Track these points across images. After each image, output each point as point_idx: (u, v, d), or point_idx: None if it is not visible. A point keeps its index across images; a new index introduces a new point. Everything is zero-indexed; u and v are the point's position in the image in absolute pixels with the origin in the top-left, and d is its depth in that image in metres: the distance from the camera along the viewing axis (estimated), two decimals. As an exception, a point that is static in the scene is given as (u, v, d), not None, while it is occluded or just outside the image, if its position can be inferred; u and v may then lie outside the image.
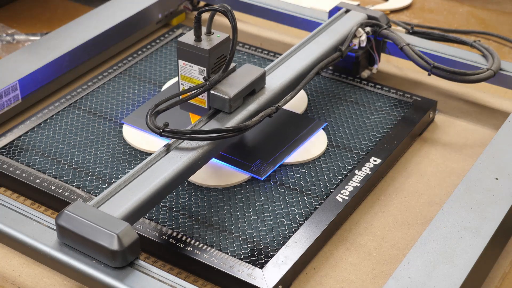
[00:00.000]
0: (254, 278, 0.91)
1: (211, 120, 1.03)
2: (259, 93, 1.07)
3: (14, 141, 1.13)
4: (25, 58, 1.23)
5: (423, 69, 1.18)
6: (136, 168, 0.95)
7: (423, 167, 1.12)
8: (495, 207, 0.94)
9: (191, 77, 1.04)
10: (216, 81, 1.02)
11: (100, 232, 0.85)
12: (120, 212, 0.89)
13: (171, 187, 0.95)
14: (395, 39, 1.21)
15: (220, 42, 1.03)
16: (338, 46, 1.20)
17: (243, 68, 1.07)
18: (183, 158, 0.97)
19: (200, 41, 1.02)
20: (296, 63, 1.14)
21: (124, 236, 0.85)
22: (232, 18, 0.99)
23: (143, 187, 0.93)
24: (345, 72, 1.27)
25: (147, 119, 0.97)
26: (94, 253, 0.86)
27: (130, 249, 0.85)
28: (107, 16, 1.35)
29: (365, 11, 1.27)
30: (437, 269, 0.86)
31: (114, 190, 0.92)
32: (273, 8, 1.36)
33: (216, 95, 1.03)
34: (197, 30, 1.02)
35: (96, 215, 0.87)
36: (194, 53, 1.02)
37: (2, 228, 0.91)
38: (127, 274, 0.85)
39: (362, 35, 1.22)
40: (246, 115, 1.04)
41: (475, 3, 1.60)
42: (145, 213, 0.93)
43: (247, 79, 1.05)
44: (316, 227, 0.98)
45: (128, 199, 0.91)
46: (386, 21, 1.26)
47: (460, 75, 1.15)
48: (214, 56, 1.02)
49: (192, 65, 1.03)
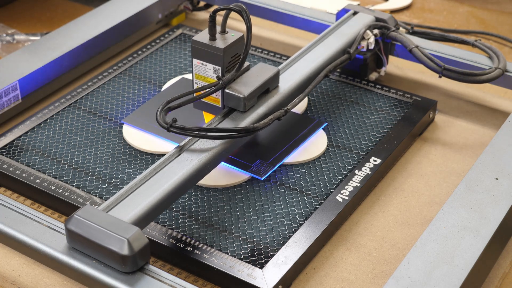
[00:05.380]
0: (254, 278, 0.91)
1: (225, 119, 1.03)
2: (273, 93, 1.07)
3: (14, 141, 1.13)
4: (25, 58, 1.23)
5: (433, 71, 1.17)
6: (145, 172, 0.94)
7: (423, 167, 1.12)
8: (495, 207, 0.94)
9: (205, 75, 1.04)
10: (230, 79, 1.02)
11: (110, 237, 0.85)
12: (130, 217, 0.89)
13: (181, 190, 0.95)
14: (403, 41, 1.21)
15: (235, 41, 1.02)
16: (346, 48, 1.20)
17: (257, 67, 1.07)
18: (193, 161, 0.96)
19: (214, 40, 1.02)
20: (305, 66, 1.14)
21: (135, 241, 0.84)
22: (247, 17, 0.99)
23: (152, 191, 0.92)
24: (353, 75, 1.26)
25: (157, 114, 0.97)
26: (104, 258, 0.85)
27: (141, 253, 0.85)
28: (107, 16, 1.35)
29: (373, 13, 1.26)
30: (437, 269, 0.86)
31: (124, 194, 0.92)
32: (274, 8, 1.36)
33: (230, 93, 1.03)
34: (212, 29, 1.02)
35: (106, 219, 0.87)
36: (209, 51, 1.02)
37: (2, 228, 0.91)
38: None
39: (370, 37, 1.21)
40: (261, 114, 1.04)
41: (475, 3, 1.60)
42: (155, 217, 0.92)
43: (261, 78, 1.05)
44: (316, 227, 0.98)
45: (138, 204, 0.91)
46: (394, 23, 1.25)
47: (470, 75, 1.15)
48: (229, 55, 1.02)
49: (206, 63, 1.03)
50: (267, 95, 1.06)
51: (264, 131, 1.13)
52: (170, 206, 0.97)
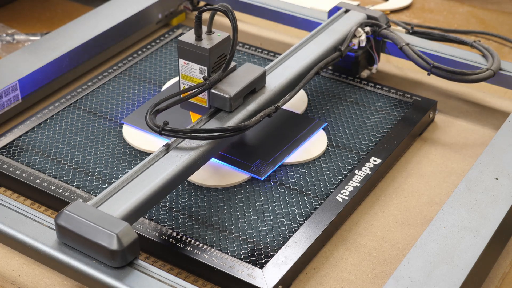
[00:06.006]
0: (254, 278, 0.91)
1: (212, 119, 1.03)
2: (260, 92, 1.07)
3: (14, 141, 1.13)
4: (25, 58, 1.23)
5: (422, 69, 1.18)
6: (135, 168, 0.95)
7: (423, 167, 1.12)
8: (495, 207, 0.94)
9: (191, 76, 1.04)
10: (216, 80, 1.02)
11: (100, 232, 0.85)
12: (119, 212, 0.89)
13: (170, 187, 0.95)
14: (394, 39, 1.21)
15: (221, 41, 1.03)
16: (337, 46, 1.20)
17: (244, 67, 1.07)
18: (182, 158, 0.97)
19: (200, 40, 1.02)
20: (296, 63, 1.14)
21: (124, 236, 0.85)
22: (233, 17, 0.99)
23: (142, 186, 0.93)
24: (344, 72, 1.27)
25: (147, 118, 0.98)
26: (93, 253, 0.86)
27: (130, 248, 0.85)
28: (107, 16, 1.35)
29: (365, 11, 1.27)
30: (437, 269, 0.86)
31: (114, 190, 0.92)
32: (273, 8, 1.36)
33: (216, 94, 1.03)
34: (198, 29, 1.02)
35: (96, 214, 0.87)
36: (195, 52, 1.02)
37: (2, 228, 0.91)
38: (126, 274, 0.85)
39: (361, 35, 1.22)
40: (247, 114, 1.04)
41: (475, 3, 1.60)
42: (144, 212, 0.93)
43: (248, 78, 1.05)
44: (316, 227, 0.98)
45: (127, 199, 0.91)
46: (386, 21, 1.26)
47: (460, 74, 1.15)
48: (215, 55, 1.02)
49: (192, 64, 1.03)
50: (254, 95, 1.06)
51: (264, 131, 1.13)
52: (160, 201, 0.97)
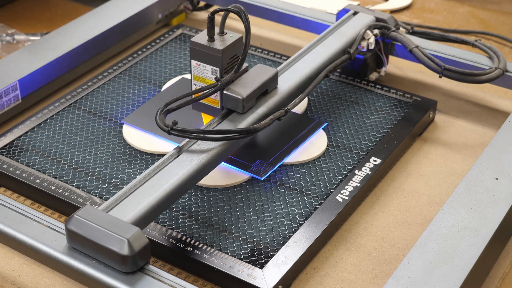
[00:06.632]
0: (254, 278, 0.91)
1: (224, 121, 1.03)
2: (271, 95, 1.07)
3: (14, 141, 1.13)
4: (25, 58, 1.23)
5: (433, 71, 1.17)
6: (146, 172, 0.94)
7: (423, 167, 1.12)
8: (495, 207, 0.94)
9: (204, 77, 1.04)
10: (228, 81, 1.02)
11: (110, 237, 0.85)
12: (130, 217, 0.89)
13: (181, 191, 0.95)
14: (403, 41, 1.21)
15: (233, 42, 1.02)
16: (346, 48, 1.20)
17: (256, 68, 1.07)
18: (193, 162, 0.96)
19: (213, 41, 1.02)
20: (305, 66, 1.14)
21: (135, 241, 0.84)
22: (246, 18, 0.99)
23: (153, 191, 0.92)
24: (353, 75, 1.26)
25: (157, 117, 0.97)
26: (104, 258, 0.86)
27: (141, 254, 0.85)
28: (107, 16, 1.35)
29: (373, 13, 1.26)
30: (437, 269, 0.86)
31: (124, 194, 0.92)
32: (274, 8, 1.36)
33: (229, 95, 1.02)
34: (210, 30, 1.02)
35: (106, 219, 0.87)
36: (207, 53, 1.02)
37: (2, 228, 0.91)
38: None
39: (370, 38, 1.21)
40: (259, 116, 1.04)
41: (475, 3, 1.60)
42: (155, 217, 0.92)
43: (260, 79, 1.05)
44: (316, 227, 0.98)
45: (138, 204, 0.90)
46: (394, 23, 1.25)
47: (470, 76, 1.15)
48: (227, 56, 1.02)
49: (205, 65, 1.03)
50: (266, 96, 1.06)
51: (264, 131, 1.13)
52: (170, 206, 0.97)
